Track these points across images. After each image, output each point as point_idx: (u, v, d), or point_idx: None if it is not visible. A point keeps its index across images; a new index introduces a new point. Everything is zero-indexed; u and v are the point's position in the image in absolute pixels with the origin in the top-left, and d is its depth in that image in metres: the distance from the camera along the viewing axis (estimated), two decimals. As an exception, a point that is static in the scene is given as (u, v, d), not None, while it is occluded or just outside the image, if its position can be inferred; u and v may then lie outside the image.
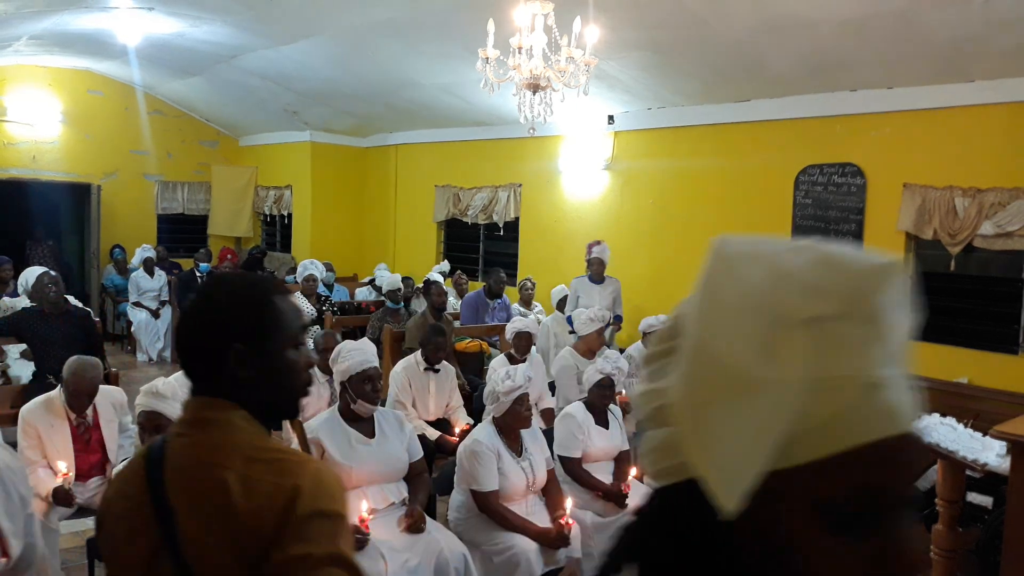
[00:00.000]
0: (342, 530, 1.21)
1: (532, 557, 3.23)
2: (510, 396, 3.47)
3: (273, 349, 1.31)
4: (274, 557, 1.14)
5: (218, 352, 1.27)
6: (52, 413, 3.59)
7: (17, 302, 6.22)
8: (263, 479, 1.18)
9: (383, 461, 3.29)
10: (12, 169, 10.24)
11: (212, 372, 1.29)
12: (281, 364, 1.32)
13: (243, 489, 1.17)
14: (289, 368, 1.33)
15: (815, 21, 4.94)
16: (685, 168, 7.16)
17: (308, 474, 1.20)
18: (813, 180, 6.23)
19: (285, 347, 1.33)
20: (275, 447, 1.26)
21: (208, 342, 1.29)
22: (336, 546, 1.17)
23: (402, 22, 6.31)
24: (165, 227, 11.60)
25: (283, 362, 1.32)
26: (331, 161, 10.88)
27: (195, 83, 9.89)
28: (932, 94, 5.48)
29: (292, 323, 1.34)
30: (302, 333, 1.37)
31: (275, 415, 1.37)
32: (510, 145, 8.73)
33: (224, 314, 1.30)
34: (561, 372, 5.40)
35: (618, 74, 6.50)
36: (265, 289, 1.35)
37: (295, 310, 1.37)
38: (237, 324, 1.29)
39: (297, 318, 1.36)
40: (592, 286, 6.45)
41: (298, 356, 1.35)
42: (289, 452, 1.28)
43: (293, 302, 1.37)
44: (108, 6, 6.74)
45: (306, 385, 1.38)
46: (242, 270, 9.57)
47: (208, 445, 1.24)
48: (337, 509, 1.21)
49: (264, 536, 1.15)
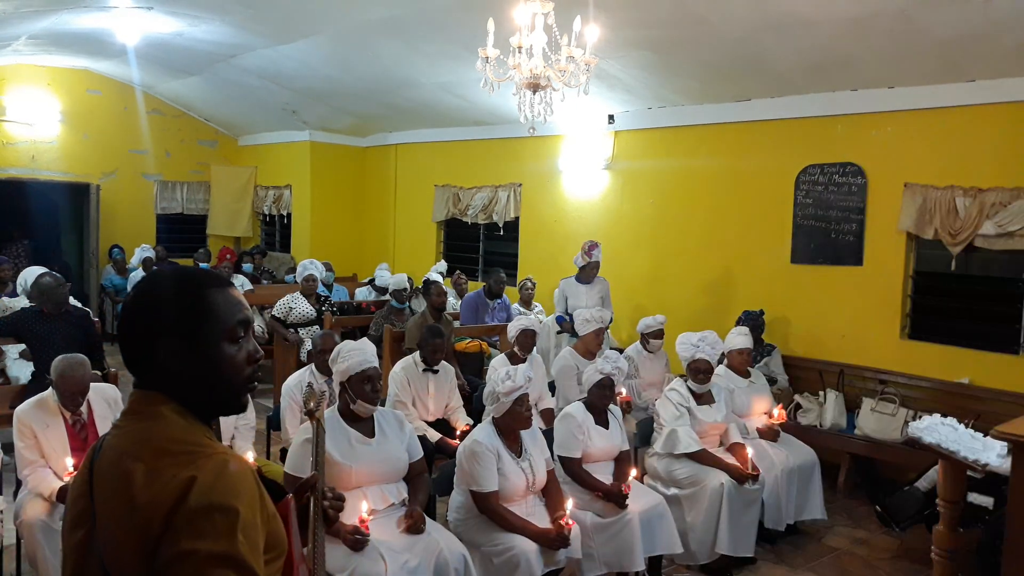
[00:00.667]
0: (241, 527, 1.15)
1: (532, 558, 3.22)
2: (510, 396, 3.46)
3: (205, 343, 1.29)
4: (162, 551, 1.11)
5: (150, 346, 1.28)
6: (46, 412, 3.57)
7: (16, 302, 6.20)
8: (165, 471, 1.16)
9: (383, 461, 3.27)
10: (11, 169, 10.24)
11: (148, 366, 1.29)
12: (215, 358, 1.30)
13: (145, 480, 1.15)
14: (224, 362, 1.31)
15: (816, 20, 4.93)
16: (685, 168, 7.15)
17: (210, 466, 1.17)
18: (814, 180, 6.23)
19: (218, 341, 1.30)
20: (193, 440, 1.23)
21: (141, 336, 1.29)
22: (230, 544, 1.12)
23: (402, 21, 6.30)
24: (164, 227, 11.59)
25: (217, 356, 1.30)
26: (330, 161, 10.87)
27: (194, 82, 9.88)
28: (933, 94, 5.47)
29: (227, 316, 1.32)
30: (241, 327, 1.34)
31: (213, 409, 1.35)
32: (510, 145, 8.72)
33: (155, 308, 1.30)
34: (561, 372, 5.40)
35: (618, 73, 6.49)
36: (197, 282, 1.33)
37: (233, 303, 1.34)
38: (167, 318, 1.28)
39: (235, 311, 1.33)
40: (580, 287, 6.41)
41: (236, 351, 1.33)
42: (206, 446, 1.23)
43: (232, 295, 1.35)
44: (107, 5, 6.73)
45: (247, 380, 1.35)
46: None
47: (131, 437, 1.23)
48: (235, 504, 1.15)
49: (156, 528, 1.12)
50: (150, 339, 1.28)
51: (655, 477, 4.40)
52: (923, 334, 5.79)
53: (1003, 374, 5.22)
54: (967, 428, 3.18)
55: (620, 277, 7.68)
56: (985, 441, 2.99)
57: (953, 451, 2.95)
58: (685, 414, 4.36)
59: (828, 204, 6.13)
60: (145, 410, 1.27)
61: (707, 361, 4.42)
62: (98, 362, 5.12)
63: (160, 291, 1.32)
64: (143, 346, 1.28)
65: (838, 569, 4.37)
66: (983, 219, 5.24)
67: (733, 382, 4.84)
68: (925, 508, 4.36)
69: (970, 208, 5.31)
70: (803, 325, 6.33)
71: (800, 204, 6.31)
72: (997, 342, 5.37)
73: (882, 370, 5.79)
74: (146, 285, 1.36)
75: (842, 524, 4.99)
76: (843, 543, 4.72)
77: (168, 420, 1.25)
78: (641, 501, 3.78)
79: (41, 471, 3.49)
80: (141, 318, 1.30)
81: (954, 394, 5.37)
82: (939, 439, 3.01)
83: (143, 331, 1.29)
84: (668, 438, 4.30)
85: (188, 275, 1.36)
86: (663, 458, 4.37)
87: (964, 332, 5.57)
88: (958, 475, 3.06)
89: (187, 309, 1.29)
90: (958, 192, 5.39)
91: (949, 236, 5.43)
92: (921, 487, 4.51)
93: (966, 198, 5.35)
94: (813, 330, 6.27)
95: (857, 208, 5.97)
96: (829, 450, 5.44)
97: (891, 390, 5.58)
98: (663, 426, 4.38)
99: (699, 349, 4.42)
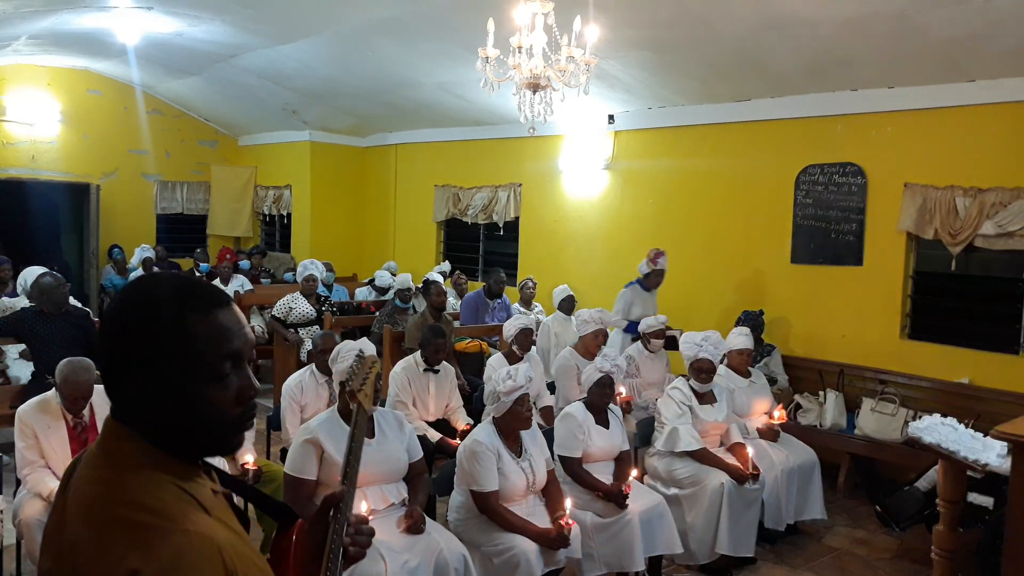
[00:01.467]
0: None
1: (532, 558, 3.22)
2: (511, 396, 3.46)
3: (179, 383, 1.07)
4: None
5: (118, 377, 1.09)
6: (48, 414, 3.57)
7: (16, 302, 6.20)
8: (112, 549, 0.97)
9: (383, 461, 3.27)
10: (11, 169, 10.23)
11: (123, 398, 1.09)
12: (193, 400, 1.08)
13: (88, 558, 0.98)
14: (205, 405, 1.09)
15: (816, 20, 4.93)
16: (685, 168, 7.15)
17: (164, 554, 0.96)
18: (814, 180, 6.23)
19: (197, 380, 1.08)
20: (155, 505, 1.01)
21: (111, 360, 1.09)
22: None
23: (402, 21, 6.30)
24: (164, 227, 11.58)
25: (195, 398, 1.08)
26: (331, 161, 10.87)
27: (194, 82, 9.87)
28: (933, 94, 5.47)
29: (210, 351, 1.08)
30: (229, 361, 1.10)
31: (195, 452, 1.12)
32: (510, 145, 8.72)
33: (122, 331, 1.08)
34: (561, 372, 5.40)
35: (618, 73, 6.49)
36: (177, 304, 1.08)
37: (221, 331, 1.10)
38: (134, 346, 1.07)
39: (222, 342, 1.09)
40: (647, 294, 6.31)
41: (220, 390, 1.10)
42: (167, 517, 1.00)
43: (222, 321, 1.11)
44: (107, 5, 6.73)
45: (236, 422, 1.13)
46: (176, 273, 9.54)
47: (90, 489, 1.04)
48: None
49: None
50: (118, 367, 1.08)
51: (655, 477, 4.40)
52: (923, 334, 5.79)
53: (1003, 374, 5.22)
54: (967, 428, 3.19)
55: (620, 278, 7.66)
56: (985, 441, 2.99)
57: (953, 451, 2.95)
58: (687, 413, 4.36)
59: (828, 204, 6.13)
60: (112, 448, 1.08)
61: (710, 361, 4.42)
62: (98, 363, 5.11)
63: (131, 311, 1.09)
64: (112, 371, 1.09)
65: (838, 569, 4.37)
66: (983, 219, 5.24)
67: (733, 382, 4.84)
68: (925, 508, 4.36)
69: (970, 208, 5.31)
70: (803, 325, 6.33)
71: (800, 204, 6.31)
72: (997, 342, 5.37)
73: (882, 370, 5.79)
74: (121, 299, 1.12)
75: (842, 524, 4.99)
76: (843, 543, 4.72)
77: (133, 469, 1.04)
78: (641, 501, 3.78)
79: (40, 471, 3.49)
80: (109, 340, 1.09)
81: (954, 394, 5.37)
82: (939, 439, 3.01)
83: (113, 356, 1.09)
84: (669, 436, 4.30)
85: (167, 294, 1.09)
86: (663, 457, 4.37)
87: (964, 332, 5.57)
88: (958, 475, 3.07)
89: (157, 339, 1.06)
90: (958, 192, 5.39)
91: (949, 236, 5.43)
92: (921, 487, 4.51)
93: (966, 198, 5.35)
94: (813, 330, 6.26)
95: (857, 208, 5.97)
96: (829, 450, 5.44)
97: (891, 390, 5.58)
98: (664, 424, 4.38)
99: (702, 348, 4.42)
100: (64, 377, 3.52)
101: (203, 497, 1.08)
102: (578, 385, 4.95)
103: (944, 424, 3.13)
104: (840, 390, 5.78)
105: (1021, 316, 5.30)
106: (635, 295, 6.33)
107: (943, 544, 3.05)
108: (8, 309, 5.98)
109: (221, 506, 1.13)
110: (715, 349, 4.47)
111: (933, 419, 3.18)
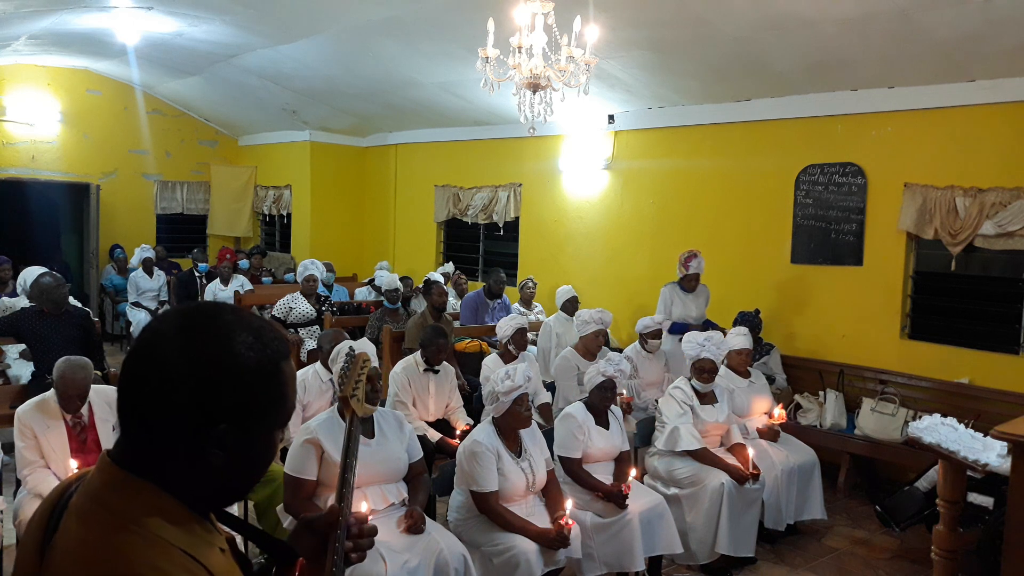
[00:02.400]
0: None
1: (532, 557, 3.22)
2: (510, 396, 3.46)
3: (265, 431, 1.04)
4: None
5: (195, 428, 0.97)
6: (47, 414, 3.56)
7: (16, 302, 6.21)
8: None
9: (382, 461, 3.27)
10: (11, 169, 10.23)
11: (164, 451, 0.98)
12: (265, 447, 1.05)
13: None
14: (269, 451, 1.07)
15: (816, 20, 4.93)
16: (685, 168, 7.15)
17: None
18: (814, 180, 6.23)
19: (278, 428, 1.07)
20: None
21: (188, 411, 0.97)
22: None
23: (402, 21, 6.30)
24: (164, 227, 11.59)
25: (268, 445, 1.06)
26: (331, 161, 10.87)
27: (194, 82, 9.88)
28: (933, 94, 5.47)
29: (292, 398, 1.08)
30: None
31: (222, 502, 1.09)
32: (510, 145, 8.72)
33: (226, 378, 0.98)
34: (561, 372, 5.40)
35: (618, 73, 6.49)
36: (277, 349, 1.04)
37: (295, 378, 1.10)
38: (236, 395, 0.99)
39: (295, 390, 1.10)
40: (687, 295, 6.17)
41: (280, 435, 1.10)
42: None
43: (292, 368, 1.10)
44: (107, 5, 6.73)
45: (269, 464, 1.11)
46: (193, 303, 9.52)
47: (87, 552, 0.93)
48: None
49: None
50: (203, 422, 0.97)
51: (655, 477, 4.40)
52: (923, 334, 5.79)
53: (1003, 374, 5.22)
54: (967, 428, 3.19)
55: (620, 277, 7.68)
56: (985, 441, 2.99)
57: (953, 451, 2.95)
58: (688, 412, 4.36)
59: (828, 204, 6.13)
60: (123, 508, 0.96)
61: (712, 360, 4.43)
62: (98, 363, 5.12)
63: (237, 358, 0.99)
64: (184, 426, 0.97)
65: (838, 569, 4.37)
66: (983, 219, 5.24)
67: (733, 382, 4.84)
68: (925, 508, 4.36)
69: (970, 208, 5.31)
70: (803, 325, 6.33)
71: (800, 204, 6.31)
72: (997, 342, 5.37)
73: (882, 370, 5.79)
74: (211, 344, 0.99)
75: (842, 524, 4.99)
76: (843, 543, 4.72)
77: (145, 537, 0.94)
78: (641, 501, 3.78)
79: (41, 471, 3.49)
80: (199, 392, 0.97)
81: (954, 394, 5.37)
82: (939, 439, 3.01)
83: (197, 410, 0.97)
84: (670, 435, 4.30)
85: (267, 340, 1.03)
86: (664, 457, 4.37)
87: (964, 332, 5.57)
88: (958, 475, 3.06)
89: (264, 388, 1.01)
90: (958, 192, 5.38)
91: (949, 236, 5.43)
92: (921, 487, 4.50)
93: (966, 198, 5.35)
94: (813, 330, 6.27)
95: (857, 208, 5.97)
96: (829, 450, 5.44)
97: (891, 390, 5.58)
98: (665, 424, 4.38)
99: (705, 348, 4.42)
100: (61, 375, 3.52)
101: (215, 566, 1.00)
102: (579, 385, 4.96)
103: (944, 424, 3.13)
104: (840, 390, 5.77)
105: (1021, 316, 5.30)
106: (674, 294, 6.20)
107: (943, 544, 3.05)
108: (8, 309, 5.98)
109: (231, 568, 1.06)
110: (717, 349, 4.47)
111: (933, 419, 3.17)
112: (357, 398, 1.56)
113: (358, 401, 1.56)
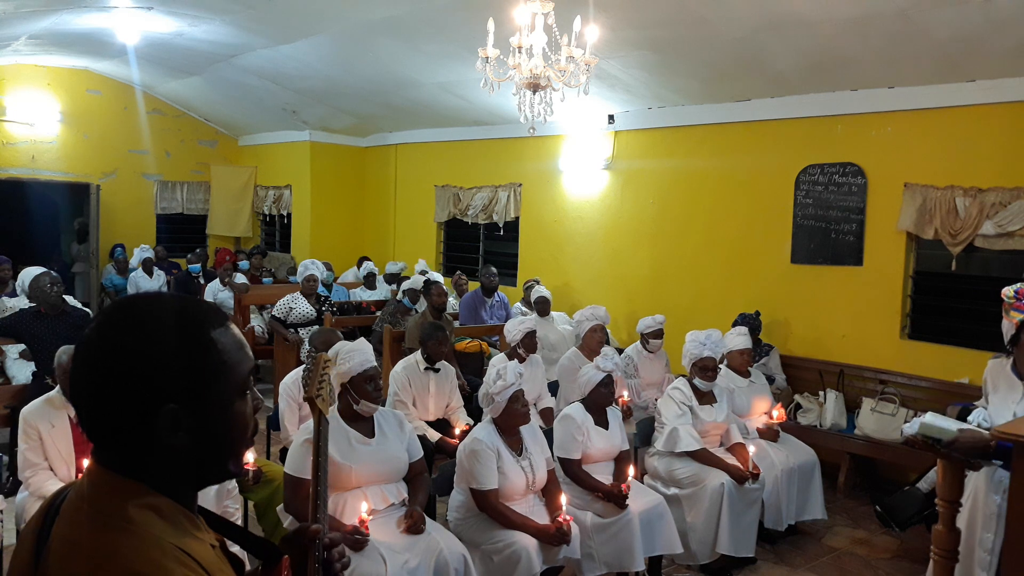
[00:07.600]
0: None
1: (532, 553, 3.22)
2: (504, 395, 3.46)
3: (217, 404, 1.03)
4: None
5: (140, 416, 0.98)
6: (52, 410, 3.56)
7: (16, 302, 6.20)
8: None
9: (383, 461, 3.27)
10: (11, 169, 10.23)
11: (126, 440, 1.00)
12: (227, 421, 1.05)
13: None
14: (235, 424, 1.06)
15: (816, 20, 4.93)
16: (685, 168, 7.15)
17: None
18: (814, 180, 6.22)
19: (232, 399, 1.05)
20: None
21: (126, 403, 0.98)
22: None
23: (402, 21, 6.30)
24: (164, 227, 11.59)
25: (229, 418, 1.05)
26: (330, 161, 10.87)
27: (194, 82, 9.88)
28: (933, 94, 5.47)
29: (239, 364, 1.06)
30: (250, 377, 1.10)
31: (206, 482, 1.10)
32: (510, 145, 8.72)
33: (148, 363, 0.98)
34: (565, 373, 5.39)
35: (618, 73, 6.49)
36: (203, 321, 1.04)
37: (240, 344, 1.08)
38: (172, 378, 0.99)
39: (244, 356, 1.08)
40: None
41: (245, 406, 1.08)
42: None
43: (237, 335, 1.08)
44: (107, 5, 6.73)
45: (251, 439, 1.11)
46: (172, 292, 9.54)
47: (82, 554, 0.95)
48: None
49: None
50: (142, 407, 0.98)
51: (655, 477, 4.40)
52: (923, 334, 5.79)
53: (1003, 374, 5.21)
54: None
55: (620, 277, 7.68)
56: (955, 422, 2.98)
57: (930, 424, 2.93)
58: (687, 413, 4.36)
59: (828, 204, 6.13)
60: (112, 508, 0.97)
61: (714, 359, 4.43)
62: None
63: (155, 341, 0.99)
64: (126, 416, 0.99)
65: (838, 569, 4.38)
66: (983, 219, 5.24)
67: (733, 382, 4.84)
68: (925, 508, 4.36)
69: (970, 208, 5.31)
70: (803, 325, 6.33)
71: (800, 204, 6.31)
72: (997, 342, 5.36)
73: (882, 370, 5.79)
74: (124, 328, 1.01)
75: (842, 524, 4.99)
76: (843, 543, 4.72)
77: (136, 534, 0.96)
78: (641, 501, 3.78)
79: (43, 473, 3.49)
80: (126, 378, 0.98)
81: (954, 394, 5.35)
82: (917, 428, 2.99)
83: (130, 396, 0.98)
84: (669, 436, 4.30)
85: (189, 312, 1.04)
86: (663, 457, 4.37)
87: (964, 332, 5.56)
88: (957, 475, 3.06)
89: (197, 363, 1.01)
90: (958, 192, 5.38)
91: (949, 236, 5.43)
92: (922, 487, 4.50)
93: (966, 198, 5.35)
94: (813, 330, 6.26)
95: (857, 208, 5.97)
96: (829, 450, 5.44)
97: (891, 390, 5.58)
98: (664, 424, 4.38)
99: (706, 347, 4.43)
100: (62, 362, 3.52)
101: (205, 559, 1.02)
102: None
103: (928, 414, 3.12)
104: (840, 390, 5.77)
105: (1021, 316, 5.29)
106: None
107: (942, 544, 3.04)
108: (8, 309, 5.98)
109: (220, 563, 1.08)
110: (716, 348, 4.48)
111: (921, 416, 3.17)
112: (322, 398, 1.55)
113: (323, 400, 1.55)
